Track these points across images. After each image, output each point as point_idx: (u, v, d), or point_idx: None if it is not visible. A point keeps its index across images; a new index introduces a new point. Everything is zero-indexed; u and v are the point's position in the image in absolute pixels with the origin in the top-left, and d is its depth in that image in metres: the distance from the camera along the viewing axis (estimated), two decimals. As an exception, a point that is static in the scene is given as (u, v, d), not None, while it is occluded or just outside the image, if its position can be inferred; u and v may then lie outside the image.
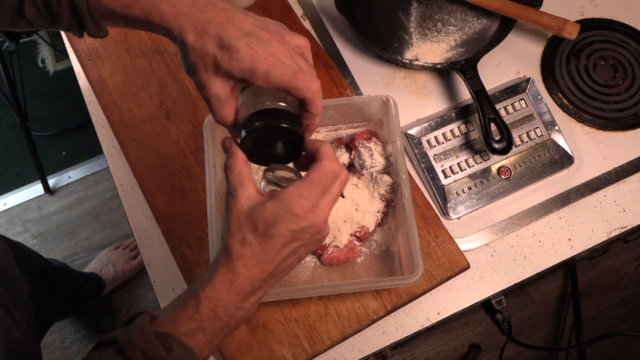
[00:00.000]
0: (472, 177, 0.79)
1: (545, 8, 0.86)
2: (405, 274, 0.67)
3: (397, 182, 0.72)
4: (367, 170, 0.73)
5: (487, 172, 0.80)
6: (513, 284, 0.75)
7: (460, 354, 1.52)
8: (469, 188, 0.79)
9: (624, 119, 0.85)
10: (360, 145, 0.74)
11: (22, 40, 1.72)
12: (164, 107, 0.83)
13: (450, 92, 0.85)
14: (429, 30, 0.88)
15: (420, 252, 0.64)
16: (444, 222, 0.76)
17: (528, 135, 0.81)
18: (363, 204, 0.73)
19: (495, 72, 0.87)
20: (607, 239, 0.77)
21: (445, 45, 0.87)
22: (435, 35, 0.88)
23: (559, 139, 0.81)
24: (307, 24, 0.91)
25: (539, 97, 0.83)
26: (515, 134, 0.81)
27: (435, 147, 0.80)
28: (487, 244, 0.77)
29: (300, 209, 0.46)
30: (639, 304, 1.59)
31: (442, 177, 0.79)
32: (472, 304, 0.74)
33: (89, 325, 1.58)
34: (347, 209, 0.73)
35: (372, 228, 0.73)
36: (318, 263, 0.73)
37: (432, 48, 0.87)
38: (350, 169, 0.76)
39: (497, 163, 0.80)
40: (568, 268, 1.53)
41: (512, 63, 0.88)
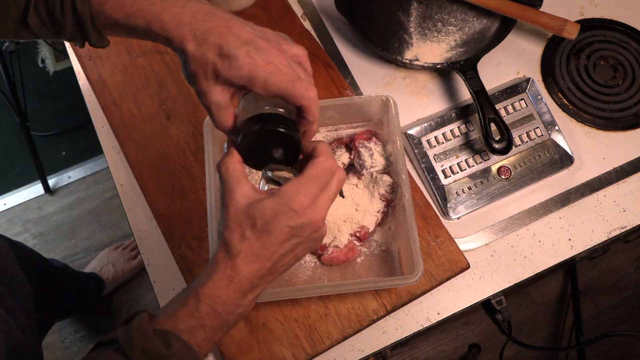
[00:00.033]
0: (472, 177, 0.79)
1: (545, 8, 0.86)
2: (405, 274, 0.67)
3: (397, 182, 0.72)
4: (367, 170, 0.73)
5: (487, 172, 0.80)
6: (513, 284, 0.75)
7: (460, 354, 1.52)
8: (469, 188, 0.79)
9: (624, 119, 0.85)
10: (360, 145, 0.74)
11: (22, 40, 1.72)
12: (164, 107, 0.83)
13: (450, 92, 0.85)
14: (429, 30, 0.88)
15: (420, 252, 0.64)
16: (444, 222, 0.76)
17: (528, 135, 0.81)
18: (363, 204, 0.73)
19: (495, 72, 0.87)
20: (607, 239, 0.77)
21: (445, 45, 0.87)
22: (435, 35, 0.88)
23: (559, 139, 0.81)
24: (307, 24, 0.91)
25: (539, 97, 0.83)
26: (515, 134, 0.81)
27: (435, 147, 0.80)
28: (487, 244, 0.77)
29: (299, 205, 0.47)
30: (639, 304, 1.59)
31: (442, 177, 0.79)
32: (472, 304, 0.74)
33: (89, 325, 1.58)
34: (347, 209, 0.73)
35: (372, 228, 0.73)
36: (318, 263, 0.73)
37: (432, 48, 0.87)
38: (350, 169, 0.76)
39: (497, 163, 0.80)
40: (568, 268, 1.53)
41: (512, 63, 0.88)
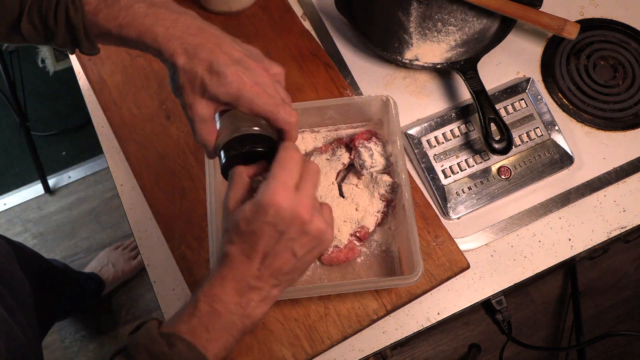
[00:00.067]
0: (472, 177, 0.79)
1: (545, 8, 0.86)
2: (405, 274, 0.67)
3: (397, 182, 0.72)
4: (367, 170, 0.73)
5: (487, 172, 0.80)
6: (513, 284, 0.75)
7: (460, 354, 1.52)
8: (469, 188, 0.79)
9: (624, 119, 0.85)
10: (360, 145, 0.74)
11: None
12: (164, 107, 0.83)
13: (450, 92, 0.85)
14: (429, 30, 0.88)
15: (420, 252, 0.64)
16: (444, 222, 0.76)
17: (528, 135, 0.81)
18: (363, 204, 0.73)
19: (495, 72, 0.87)
20: (607, 239, 0.77)
21: (445, 45, 0.87)
22: (435, 35, 0.88)
23: (559, 139, 0.81)
24: (307, 24, 0.91)
25: (539, 97, 0.83)
26: (515, 134, 0.81)
27: (435, 147, 0.80)
28: (487, 244, 0.77)
29: (268, 198, 0.47)
30: (639, 304, 1.59)
31: (442, 177, 0.79)
32: (472, 304, 0.74)
33: (89, 325, 1.58)
34: (347, 209, 0.73)
35: (372, 228, 0.73)
36: (318, 263, 0.73)
37: (432, 48, 0.87)
38: (350, 169, 0.76)
39: (497, 163, 0.80)
40: (568, 268, 1.53)
41: (512, 63, 0.88)
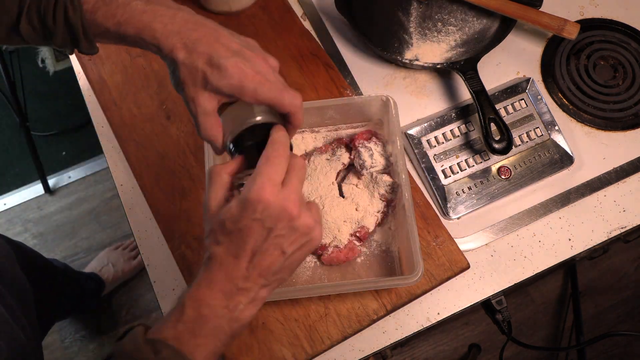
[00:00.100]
0: (472, 177, 0.79)
1: (545, 8, 0.86)
2: (405, 274, 0.67)
3: (397, 182, 0.72)
4: (367, 170, 0.73)
5: (487, 172, 0.80)
6: (513, 284, 0.75)
7: (460, 354, 1.52)
8: (469, 188, 0.79)
9: (624, 119, 0.85)
10: (360, 145, 0.74)
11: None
12: (164, 107, 0.83)
13: (450, 92, 0.85)
14: (429, 30, 0.88)
15: (420, 252, 0.64)
16: (444, 222, 0.76)
17: (528, 135, 0.81)
18: (363, 204, 0.73)
19: (495, 72, 0.87)
20: (607, 239, 0.77)
21: (445, 45, 0.87)
22: (435, 35, 0.88)
23: (559, 139, 0.81)
24: (307, 24, 0.91)
25: (539, 97, 0.83)
26: (515, 134, 0.81)
27: (435, 147, 0.80)
28: (487, 244, 0.77)
29: (255, 194, 0.46)
30: (639, 304, 1.59)
31: (442, 177, 0.79)
32: (472, 304, 0.74)
33: (89, 325, 1.58)
34: (347, 209, 0.73)
35: (372, 228, 0.73)
36: (318, 263, 0.73)
37: (432, 48, 0.87)
38: (350, 169, 0.76)
39: (497, 163, 0.80)
40: (568, 268, 1.53)
41: (512, 63, 0.88)
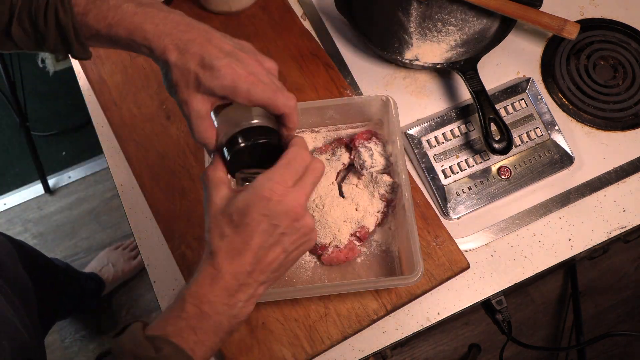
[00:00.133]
0: (472, 177, 0.79)
1: (545, 8, 0.86)
2: (405, 274, 0.67)
3: (397, 182, 0.72)
4: (367, 170, 0.73)
5: (487, 172, 0.80)
6: (513, 284, 0.75)
7: (460, 354, 1.52)
8: (469, 188, 0.79)
9: (624, 119, 0.85)
10: (360, 145, 0.74)
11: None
12: (164, 107, 0.83)
13: (450, 92, 0.85)
14: (429, 30, 0.88)
15: (420, 252, 0.64)
16: (444, 222, 0.76)
17: (528, 135, 0.81)
18: (363, 204, 0.73)
19: (495, 72, 0.87)
20: (607, 239, 0.77)
21: (445, 45, 0.87)
22: (435, 35, 0.88)
23: (559, 139, 0.81)
24: (307, 24, 0.91)
25: (539, 97, 0.83)
26: (515, 134, 0.81)
27: (435, 147, 0.80)
28: (487, 244, 0.77)
29: (270, 192, 0.47)
30: (639, 304, 1.59)
31: (442, 177, 0.79)
32: (472, 304, 0.74)
33: (89, 325, 1.58)
34: (347, 209, 0.73)
35: (372, 228, 0.73)
36: (318, 263, 0.73)
37: (432, 48, 0.87)
38: (350, 169, 0.76)
39: (497, 163, 0.80)
40: (568, 268, 1.53)
41: (512, 63, 0.88)
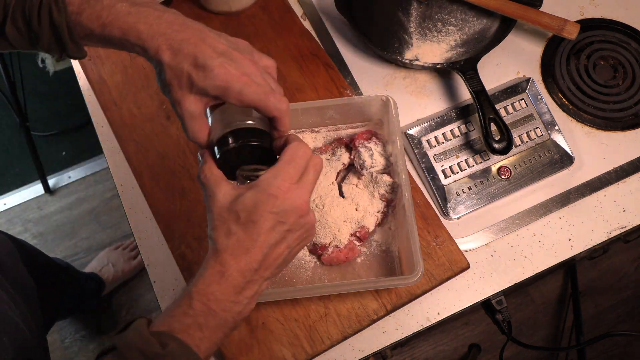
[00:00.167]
0: (472, 177, 0.79)
1: (545, 8, 0.86)
2: (405, 274, 0.67)
3: (397, 182, 0.72)
4: (367, 170, 0.73)
5: (487, 172, 0.80)
6: (513, 284, 0.75)
7: (460, 354, 1.52)
8: (469, 188, 0.79)
9: (624, 119, 0.85)
10: (360, 145, 0.74)
11: None
12: (164, 107, 0.83)
13: (450, 92, 0.85)
14: (429, 30, 0.88)
15: (420, 252, 0.64)
16: (444, 222, 0.76)
17: (528, 135, 0.81)
18: (363, 204, 0.73)
19: (495, 72, 0.87)
20: (607, 239, 0.77)
21: (445, 45, 0.87)
22: (435, 35, 0.88)
23: (559, 139, 0.81)
24: (307, 24, 0.91)
25: (539, 97, 0.83)
26: (515, 134, 0.81)
27: (435, 147, 0.80)
28: (487, 244, 0.77)
29: (277, 190, 0.47)
30: (639, 304, 1.59)
31: (442, 177, 0.79)
32: (472, 304, 0.74)
33: (89, 325, 1.58)
34: (347, 209, 0.73)
35: (372, 228, 0.73)
36: (318, 263, 0.73)
37: (432, 48, 0.87)
38: (350, 169, 0.76)
39: (497, 163, 0.80)
40: (568, 268, 1.53)
41: (512, 63, 0.88)
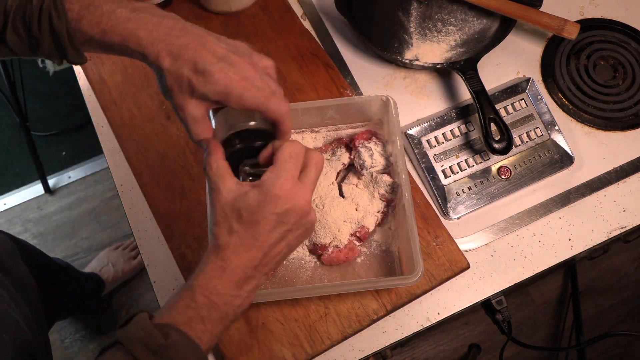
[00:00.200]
0: (472, 177, 0.79)
1: (545, 8, 0.86)
2: (405, 274, 0.67)
3: (397, 182, 0.72)
4: (367, 170, 0.73)
5: (487, 172, 0.80)
6: (513, 284, 0.75)
7: (460, 354, 1.52)
8: (469, 188, 0.79)
9: (624, 119, 0.85)
10: (360, 145, 0.74)
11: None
12: (164, 107, 0.83)
13: (450, 92, 0.85)
14: (429, 30, 0.88)
15: (420, 252, 0.64)
16: (444, 222, 0.76)
17: (528, 135, 0.81)
18: (363, 204, 0.73)
19: (495, 72, 0.87)
20: (607, 239, 0.77)
21: (445, 45, 0.87)
22: (435, 35, 0.88)
23: (559, 139, 0.81)
24: (307, 24, 0.91)
25: (539, 97, 0.83)
26: (515, 134, 0.81)
27: (435, 147, 0.80)
28: (487, 244, 0.77)
29: (279, 189, 0.48)
30: (639, 304, 1.59)
31: (442, 177, 0.79)
32: (472, 304, 0.74)
33: (89, 325, 1.58)
34: (347, 209, 0.73)
35: (372, 228, 0.73)
36: (318, 263, 0.73)
37: (432, 48, 0.87)
38: (350, 169, 0.76)
39: (497, 163, 0.80)
40: (568, 268, 1.53)
41: (512, 63, 0.88)
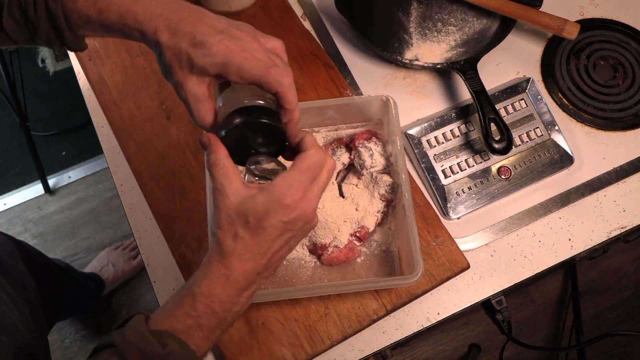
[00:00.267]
0: (472, 177, 0.79)
1: (545, 8, 0.86)
2: (405, 274, 0.67)
3: (397, 182, 0.72)
4: (367, 170, 0.73)
5: (487, 172, 0.80)
6: (513, 284, 0.75)
7: (460, 354, 1.52)
8: (469, 188, 0.79)
9: (624, 119, 0.85)
10: (360, 145, 0.74)
11: None
12: (164, 107, 0.83)
13: (450, 92, 0.85)
14: (429, 30, 0.88)
15: (420, 252, 0.64)
16: (444, 222, 0.76)
17: (528, 135, 0.81)
18: (363, 204, 0.73)
19: (495, 72, 0.87)
20: (607, 239, 0.77)
21: (445, 45, 0.87)
22: (435, 35, 0.88)
23: (559, 139, 0.81)
24: (307, 24, 0.91)
25: (539, 97, 0.83)
26: (515, 134, 0.81)
27: (435, 147, 0.80)
28: (487, 244, 0.77)
29: (291, 199, 0.46)
30: (639, 304, 1.59)
31: (442, 177, 0.79)
32: (472, 304, 0.74)
33: (89, 325, 1.58)
34: (347, 209, 0.73)
35: (372, 228, 0.73)
36: (318, 263, 0.73)
37: (432, 48, 0.87)
38: (350, 169, 0.76)
39: (497, 163, 0.80)
40: (568, 268, 1.53)
41: (512, 63, 0.88)
